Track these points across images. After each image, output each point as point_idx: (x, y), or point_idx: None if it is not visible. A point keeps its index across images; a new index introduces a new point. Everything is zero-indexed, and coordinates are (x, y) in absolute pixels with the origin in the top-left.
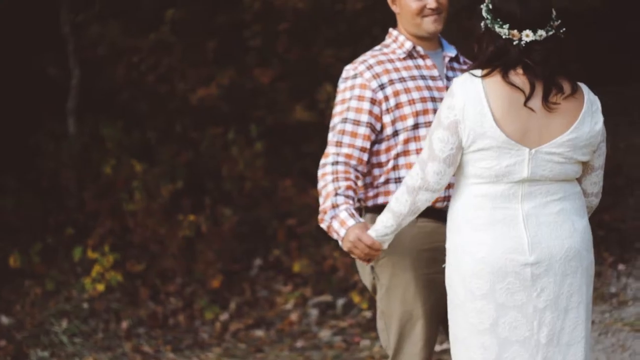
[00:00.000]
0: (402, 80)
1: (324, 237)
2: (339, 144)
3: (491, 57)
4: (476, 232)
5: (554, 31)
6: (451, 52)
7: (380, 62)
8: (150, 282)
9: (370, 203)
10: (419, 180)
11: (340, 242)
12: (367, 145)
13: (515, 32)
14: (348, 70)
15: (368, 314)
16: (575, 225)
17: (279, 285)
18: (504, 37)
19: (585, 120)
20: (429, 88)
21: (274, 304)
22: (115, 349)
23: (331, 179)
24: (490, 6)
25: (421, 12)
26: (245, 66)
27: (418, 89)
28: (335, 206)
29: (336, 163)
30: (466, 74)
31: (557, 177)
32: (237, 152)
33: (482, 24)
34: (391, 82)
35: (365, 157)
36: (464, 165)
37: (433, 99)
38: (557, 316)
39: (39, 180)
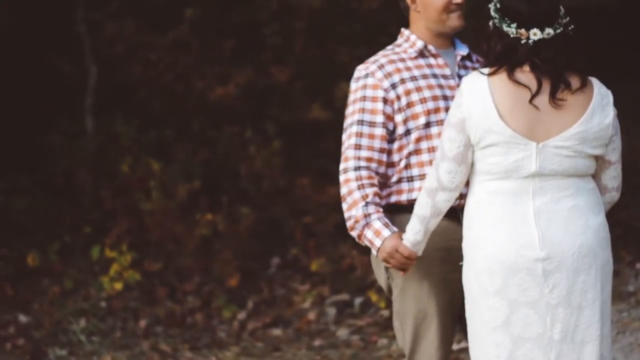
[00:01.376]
0: (413, 79)
1: (342, 236)
2: (357, 147)
3: (499, 56)
4: (488, 229)
5: (562, 29)
6: (463, 50)
7: (391, 62)
8: (168, 281)
9: (383, 202)
10: (435, 181)
11: (374, 252)
12: (385, 146)
13: (523, 31)
14: (360, 70)
15: (386, 312)
16: (589, 222)
17: (296, 284)
18: (511, 35)
19: (595, 114)
20: (440, 87)
21: (291, 302)
22: (133, 348)
23: (356, 186)
24: (499, 5)
25: (447, 8)
26: (262, 65)
27: (429, 87)
28: (367, 215)
29: (358, 168)
30: (474, 72)
31: (567, 172)
32: (254, 150)
33: (490, 23)
34: (402, 81)
35: (384, 158)
36: (474, 163)
37: (445, 98)
38: (571, 313)
39: (53, 179)
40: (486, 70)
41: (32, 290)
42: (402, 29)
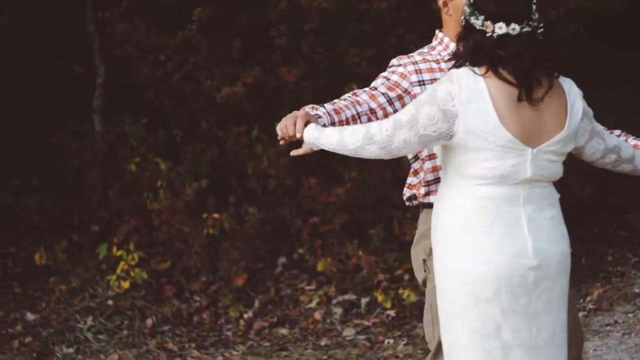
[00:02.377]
0: None
1: (348, 236)
2: (372, 88)
3: (469, 52)
4: (481, 235)
5: (530, 29)
6: None
7: (426, 61)
8: (175, 280)
9: (424, 200)
10: (384, 136)
11: None
12: (394, 102)
13: (488, 23)
14: (393, 61)
15: (392, 313)
16: (562, 232)
17: (303, 284)
18: (477, 28)
19: (572, 114)
20: None
21: (298, 302)
22: (140, 346)
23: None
24: (472, 1)
25: None
26: (270, 65)
27: None
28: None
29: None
30: (466, 69)
31: (550, 177)
32: (262, 150)
33: (462, 19)
34: (433, 81)
35: (388, 110)
36: (465, 166)
37: None
38: (552, 320)
39: (62, 178)
40: (479, 71)
41: (39, 288)
42: (437, 31)
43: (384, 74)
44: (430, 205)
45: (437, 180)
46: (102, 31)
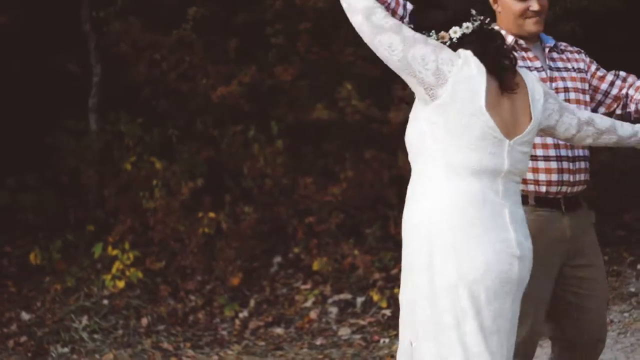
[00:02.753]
0: None
1: (344, 236)
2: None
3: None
4: (476, 237)
5: (480, 22)
6: (550, 42)
7: None
8: (170, 280)
9: None
10: (382, 22)
11: None
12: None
13: (442, 33)
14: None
15: (387, 312)
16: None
17: (298, 283)
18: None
19: (534, 101)
20: None
21: (293, 301)
22: (135, 346)
23: None
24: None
25: (524, 14)
26: (266, 64)
27: None
28: None
29: None
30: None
31: (523, 171)
32: (258, 150)
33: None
34: None
35: None
36: (449, 153)
37: None
38: (523, 308)
39: (58, 178)
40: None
41: (34, 288)
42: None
43: None
44: None
45: None
46: (98, 30)
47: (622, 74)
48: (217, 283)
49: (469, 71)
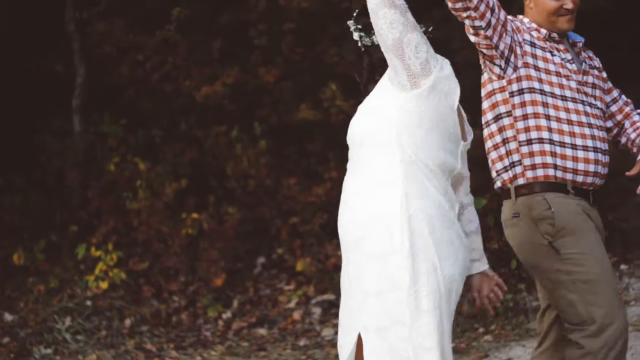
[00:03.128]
0: (543, 49)
1: (327, 236)
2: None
3: (380, 65)
4: (457, 239)
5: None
6: (579, 39)
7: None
8: (154, 280)
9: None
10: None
11: None
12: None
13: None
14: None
15: None
16: None
17: (281, 284)
18: (375, 44)
19: (467, 121)
20: (563, 66)
21: (276, 302)
22: (119, 347)
23: None
24: (360, 26)
25: (557, 12)
26: (250, 65)
27: (555, 64)
28: None
29: None
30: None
31: (462, 177)
32: (241, 150)
33: (359, 45)
34: (533, 44)
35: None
36: (419, 148)
37: (568, 78)
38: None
39: (43, 178)
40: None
41: (17, 288)
42: (521, 17)
43: None
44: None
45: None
46: (82, 31)
47: (624, 97)
48: (200, 284)
49: (447, 71)
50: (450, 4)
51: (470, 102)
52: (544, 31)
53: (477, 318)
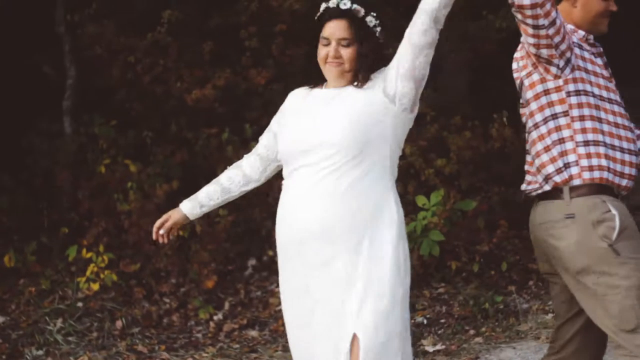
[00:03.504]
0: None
1: None
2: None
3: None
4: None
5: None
6: (597, 43)
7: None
8: (145, 282)
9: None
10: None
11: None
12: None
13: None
14: None
15: None
16: None
17: (272, 286)
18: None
19: None
20: (604, 69)
21: (267, 304)
22: (110, 349)
23: None
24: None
25: (604, 14)
26: (240, 67)
27: (594, 64)
28: None
29: None
30: None
31: None
32: (232, 152)
33: (378, 35)
34: (580, 46)
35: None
36: (394, 159)
37: (609, 80)
38: None
39: (33, 180)
40: None
41: (8, 290)
42: None
43: None
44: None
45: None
46: (72, 33)
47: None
48: (191, 286)
49: None
50: (516, 2)
51: None
52: (582, 33)
53: (468, 320)
